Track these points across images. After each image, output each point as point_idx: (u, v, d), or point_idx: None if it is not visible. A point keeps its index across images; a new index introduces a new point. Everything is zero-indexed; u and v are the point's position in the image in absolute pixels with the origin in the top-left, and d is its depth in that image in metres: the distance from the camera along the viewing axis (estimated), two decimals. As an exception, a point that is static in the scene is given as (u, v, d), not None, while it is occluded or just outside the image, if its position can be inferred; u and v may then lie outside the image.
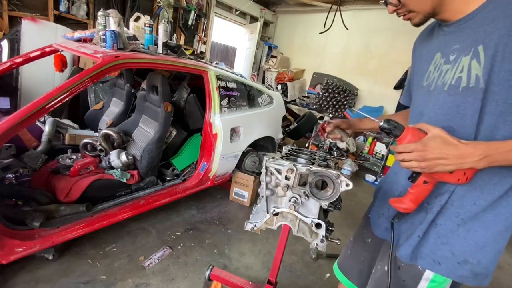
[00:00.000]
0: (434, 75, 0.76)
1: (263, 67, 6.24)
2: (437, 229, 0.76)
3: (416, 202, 0.74)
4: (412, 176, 0.73)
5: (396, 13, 0.76)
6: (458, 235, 0.73)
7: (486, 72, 0.62)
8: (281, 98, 3.21)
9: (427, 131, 0.65)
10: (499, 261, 0.72)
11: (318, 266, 2.07)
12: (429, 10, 0.72)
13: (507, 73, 0.60)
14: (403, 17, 0.76)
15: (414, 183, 0.73)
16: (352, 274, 1.12)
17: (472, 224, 0.72)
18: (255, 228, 1.07)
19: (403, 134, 0.67)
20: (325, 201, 0.92)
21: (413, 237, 0.80)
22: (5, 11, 2.95)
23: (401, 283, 0.83)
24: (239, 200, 2.75)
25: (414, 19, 0.75)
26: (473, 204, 0.70)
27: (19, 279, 1.54)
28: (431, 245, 0.77)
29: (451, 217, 0.74)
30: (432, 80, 0.77)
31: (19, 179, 1.71)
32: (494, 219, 0.70)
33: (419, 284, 0.79)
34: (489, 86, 0.62)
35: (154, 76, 2.19)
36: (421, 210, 0.79)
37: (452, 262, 0.74)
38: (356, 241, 1.14)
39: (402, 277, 0.83)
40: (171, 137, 2.39)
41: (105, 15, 1.84)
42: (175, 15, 4.62)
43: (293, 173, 0.92)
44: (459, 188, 0.71)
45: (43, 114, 1.42)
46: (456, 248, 0.74)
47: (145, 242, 1.99)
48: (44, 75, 3.01)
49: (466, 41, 0.68)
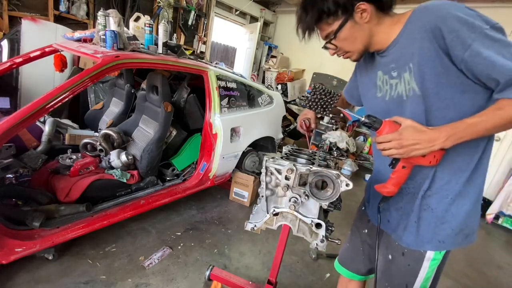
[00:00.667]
0: (386, 88, 0.91)
1: (263, 67, 6.24)
2: (435, 213, 0.86)
3: (397, 186, 0.84)
4: (392, 163, 0.83)
5: (337, 54, 0.91)
6: (452, 212, 0.85)
7: (419, 83, 0.78)
8: (281, 98, 3.21)
9: (401, 123, 0.77)
10: (499, 261, 0.74)
11: (318, 266, 2.07)
12: (361, 48, 0.87)
13: (432, 84, 0.76)
14: (343, 56, 0.91)
15: (394, 169, 0.82)
16: (352, 264, 1.21)
17: (460, 200, 0.84)
18: (255, 228, 1.07)
19: (382, 126, 0.78)
20: (325, 201, 0.92)
21: (411, 223, 0.90)
22: (5, 11, 2.95)
23: (406, 268, 0.93)
24: (239, 200, 2.75)
25: (352, 57, 0.91)
26: (456, 183, 0.83)
27: (19, 279, 1.54)
28: (434, 228, 0.87)
29: (442, 200, 0.85)
30: (385, 92, 0.91)
31: (19, 179, 1.71)
32: (473, 190, 0.84)
33: (423, 265, 0.90)
34: (424, 93, 0.78)
35: (154, 76, 2.19)
36: (409, 199, 0.90)
37: (452, 236, 0.87)
38: (353, 233, 1.22)
39: (407, 262, 0.93)
40: (171, 137, 2.39)
41: (105, 15, 1.83)
42: (175, 15, 4.62)
43: (293, 173, 0.92)
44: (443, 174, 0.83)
45: (43, 114, 1.42)
46: (453, 224, 0.86)
47: (145, 242, 1.99)
48: (44, 75, 3.01)
49: (399, 61, 0.83)
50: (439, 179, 0.84)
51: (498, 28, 0.69)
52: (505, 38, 0.68)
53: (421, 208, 0.88)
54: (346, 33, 0.83)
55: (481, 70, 0.68)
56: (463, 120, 0.72)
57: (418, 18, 0.77)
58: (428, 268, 0.90)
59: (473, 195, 0.85)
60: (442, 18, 0.70)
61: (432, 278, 0.92)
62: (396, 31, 0.82)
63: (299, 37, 0.90)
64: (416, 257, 0.90)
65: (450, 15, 0.69)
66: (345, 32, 0.83)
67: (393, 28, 0.83)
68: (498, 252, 2.81)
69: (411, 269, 0.91)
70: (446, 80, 0.74)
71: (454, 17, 0.69)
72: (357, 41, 0.85)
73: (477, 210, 0.89)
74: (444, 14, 0.70)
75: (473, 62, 0.68)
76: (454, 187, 0.83)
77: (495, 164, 3.82)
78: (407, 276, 0.92)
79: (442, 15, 0.71)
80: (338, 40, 0.86)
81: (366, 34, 0.84)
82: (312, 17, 0.83)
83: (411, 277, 0.91)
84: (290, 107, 5.17)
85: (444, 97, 0.76)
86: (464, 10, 0.70)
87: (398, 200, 0.93)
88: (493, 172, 3.84)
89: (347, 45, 0.87)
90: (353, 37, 0.85)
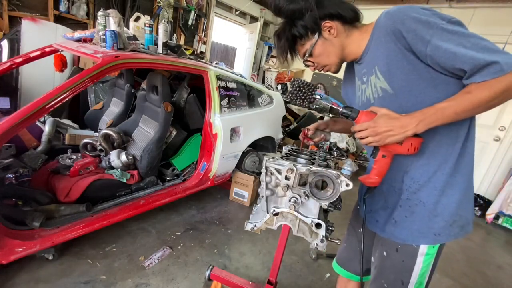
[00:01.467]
0: (358, 94, 0.99)
1: (263, 67, 6.24)
2: (426, 207, 0.87)
3: (380, 176, 0.85)
4: (372, 153, 0.85)
5: (317, 69, 0.99)
6: (443, 204, 0.86)
7: (390, 82, 0.82)
8: (281, 98, 3.21)
9: (377, 112, 0.79)
10: (499, 261, 0.74)
11: (318, 266, 2.07)
12: (337, 60, 0.94)
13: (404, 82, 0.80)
14: (323, 70, 0.98)
15: (375, 158, 0.84)
16: (349, 264, 1.22)
17: (448, 190, 0.85)
18: (255, 228, 1.07)
19: (359, 116, 0.82)
20: (325, 201, 0.92)
21: (401, 218, 0.91)
22: (5, 11, 2.95)
23: (401, 263, 0.93)
24: (239, 200, 2.75)
25: (331, 70, 0.97)
26: (442, 174, 0.84)
27: (19, 279, 1.54)
28: (427, 221, 0.88)
29: (432, 192, 0.86)
30: (359, 99, 0.99)
31: (19, 179, 1.71)
32: (461, 179, 0.85)
33: (417, 260, 0.90)
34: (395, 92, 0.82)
35: (154, 76, 2.19)
36: (394, 194, 0.92)
37: (446, 228, 0.87)
38: (349, 233, 1.24)
39: (401, 258, 0.93)
40: (171, 137, 2.39)
41: (105, 15, 1.83)
42: (175, 15, 4.62)
43: (293, 173, 0.92)
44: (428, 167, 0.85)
45: (43, 114, 1.42)
46: (445, 215, 0.86)
47: (145, 242, 1.99)
48: (44, 75, 3.01)
49: (368, 65, 0.88)
50: (425, 172, 0.86)
51: (454, 21, 0.72)
52: (463, 30, 0.70)
53: (411, 203, 0.89)
54: (319, 50, 0.91)
55: (445, 62, 0.71)
56: (433, 105, 0.74)
57: (382, 24, 0.81)
58: (423, 263, 0.90)
59: (462, 184, 0.86)
60: (400, 20, 0.75)
61: (428, 273, 0.93)
62: (366, 39, 0.88)
63: (280, 60, 0.98)
64: (410, 253, 0.91)
65: (407, 16, 0.74)
66: (318, 48, 0.91)
67: (363, 37, 0.88)
68: (498, 252, 2.81)
69: (406, 265, 0.92)
70: (416, 76, 0.78)
71: (410, 18, 0.73)
72: (331, 55, 0.93)
73: (468, 199, 0.89)
74: (401, 17, 0.75)
75: (436, 55, 0.71)
76: (440, 178, 0.85)
77: (495, 164, 3.82)
78: (402, 272, 0.93)
79: (399, 18, 0.75)
80: (314, 56, 0.94)
81: (337, 48, 0.91)
82: (286, 42, 0.92)
83: (406, 273, 0.92)
84: (290, 107, 5.17)
85: (417, 93, 0.79)
86: (419, 11, 0.74)
87: (384, 198, 0.95)
88: (493, 172, 3.84)
89: (323, 60, 0.94)
90: (326, 52, 0.92)
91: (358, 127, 0.81)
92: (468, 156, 0.85)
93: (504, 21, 3.60)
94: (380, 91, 0.85)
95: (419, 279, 0.92)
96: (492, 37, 3.57)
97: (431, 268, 0.92)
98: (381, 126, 0.76)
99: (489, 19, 3.72)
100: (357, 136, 0.82)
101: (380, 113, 0.78)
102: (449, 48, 0.69)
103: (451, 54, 0.69)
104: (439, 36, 0.70)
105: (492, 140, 3.83)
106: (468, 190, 0.88)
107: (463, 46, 0.68)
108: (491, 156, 3.84)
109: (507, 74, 0.64)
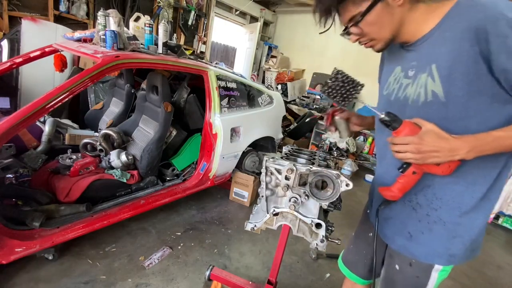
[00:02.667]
0: (394, 87, 0.85)
1: (263, 67, 6.24)
2: (447, 226, 0.81)
3: (402, 191, 0.80)
4: (402, 167, 0.77)
5: (359, 41, 0.81)
6: (465, 226, 0.80)
7: (446, 88, 0.69)
8: (281, 98, 3.21)
9: (422, 126, 0.70)
10: (499, 261, 0.74)
11: (318, 266, 2.07)
12: (389, 37, 0.77)
13: (461, 91, 0.68)
14: (365, 45, 0.81)
15: (403, 173, 0.77)
16: (357, 268, 1.17)
17: (474, 214, 0.79)
18: (255, 228, 1.07)
19: (401, 127, 0.71)
20: (325, 201, 0.92)
21: (417, 233, 0.86)
22: (5, 11, 2.95)
23: (414, 279, 0.89)
24: (239, 200, 2.75)
25: (376, 46, 0.80)
26: (471, 198, 0.77)
27: (19, 279, 1.54)
28: (446, 242, 0.83)
29: (454, 212, 0.79)
30: (392, 91, 0.85)
31: (19, 179, 1.71)
32: (487, 205, 0.79)
33: (431, 276, 0.86)
34: (448, 101, 0.70)
35: (154, 76, 2.19)
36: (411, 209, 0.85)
37: (463, 250, 0.83)
38: (357, 236, 1.18)
39: (415, 274, 0.89)
40: (171, 137, 2.39)
41: (105, 15, 1.83)
42: (175, 15, 4.62)
43: (293, 173, 0.92)
44: (455, 186, 0.77)
45: (43, 114, 1.42)
46: (465, 239, 0.81)
47: (145, 242, 1.99)
48: (44, 75, 3.01)
49: (422, 59, 0.75)
50: (449, 190, 0.78)
51: None
52: None
53: (430, 219, 0.82)
54: (375, 17, 0.72)
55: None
56: (489, 132, 0.66)
57: (461, 14, 0.66)
58: (437, 279, 0.87)
59: (488, 210, 0.79)
60: (492, 19, 0.61)
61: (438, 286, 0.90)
62: (430, 23, 0.72)
63: (315, 19, 0.79)
64: (425, 268, 0.87)
65: (503, 16, 0.60)
66: (374, 14, 0.72)
67: (427, 18, 0.73)
68: (498, 252, 2.81)
69: (420, 281, 0.88)
70: (477, 88, 0.66)
71: (507, 20, 0.60)
72: (385, 27, 0.75)
73: (485, 223, 0.84)
74: (495, 14, 0.61)
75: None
76: (468, 201, 0.77)
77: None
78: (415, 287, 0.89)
79: (493, 15, 0.61)
80: (365, 24, 0.74)
81: (396, 21, 0.74)
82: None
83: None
84: (290, 107, 5.17)
85: (471, 107, 0.69)
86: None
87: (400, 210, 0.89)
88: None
89: (374, 31, 0.76)
90: (381, 22, 0.74)
91: (399, 140, 0.71)
92: (500, 183, 0.78)
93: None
94: (431, 95, 0.72)
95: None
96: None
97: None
98: (427, 144, 0.67)
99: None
100: (395, 149, 0.73)
101: (425, 128, 0.69)
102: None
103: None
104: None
105: (492, 140, 3.82)
106: (487, 216, 0.82)
107: None
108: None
109: None
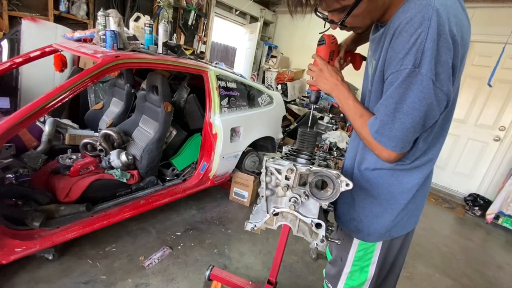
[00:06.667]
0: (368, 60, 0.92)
1: (263, 67, 6.23)
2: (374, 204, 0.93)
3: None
4: None
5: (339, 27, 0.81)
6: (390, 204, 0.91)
7: (372, 76, 0.80)
8: (281, 98, 3.21)
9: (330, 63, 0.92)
10: (499, 261, 0.73)
11: (318, 266, 2.07)
12: (369, 23, 0.78)
13: (377, 83, 0.78)
14: (346, 29, 0.81)
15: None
16: None
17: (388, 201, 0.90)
18: (255, 228, 1.07)
19: (318, 49, 0.96)
20: (325, 201, 0.92)
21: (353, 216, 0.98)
22: (5, 11, 2.94)
23: (342, 241, 1.02)
24: (239, 200, 2.75)
25: (357, 31, 0.83)
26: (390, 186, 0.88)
27: (19, 279, 1.54)
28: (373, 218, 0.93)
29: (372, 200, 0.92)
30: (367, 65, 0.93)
31: (19, 179, 1.71)
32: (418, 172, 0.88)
33: (353, 241, 0.98)
34: (372, 88, 0.82)
35: (154, 76, 2.19)
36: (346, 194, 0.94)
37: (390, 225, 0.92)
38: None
39: (342, 237, 1.03)
40: (171, 137, 2.39)
41: (105, 15, 1.83)
42: (175, 15, 4.62)
43: (293, 173, 0.92)
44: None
45: (43, 114, 1.42)
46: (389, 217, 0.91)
47: (145, 242, 1.99)
48: (44, 75, 3.01)
49: (373, 46, 0.83)
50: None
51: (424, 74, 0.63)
52: (411, 91, 0.65)
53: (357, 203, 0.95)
54: (360, 10, 0.70)
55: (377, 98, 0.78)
56: (351, 96, 0.85)
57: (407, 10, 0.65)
58: (358, 246, 0.95)
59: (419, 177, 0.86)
60: (407, 25, 0.63)
61: (371, 263, 0.95)
62: (399, 3, 0.70)
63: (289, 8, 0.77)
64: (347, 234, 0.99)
65: (426, 28, 0.60)
66: (361, 8, 0.69)
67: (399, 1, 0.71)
68: (498, 252, 2.81)
69: (344, 243, 0.99)
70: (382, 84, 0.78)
71: (409, 35, 0.62)
72: (368, 16, 0.73)
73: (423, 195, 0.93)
74: (421, 20, 0.61)
75: (384, 87, 0.73)
76: (385, 189, 0.89)
77: (495, 164, 3.82)
78: (341, 249, 1.01)
79: (410, 24, 0.62)
80: (349, 17, 0.72)
81: (380, 8, 0.71)
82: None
83: (344, 251, 0.99)
84: (290, 107, 5.16)
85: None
86: (444, 37, 0.60)
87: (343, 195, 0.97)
88: (493, 172, 3.83)
89: (357, 21, 0.75)
90: (367, 12, 0.71)
91: (316, 59, 0.95)
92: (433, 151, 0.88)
93: (504, 21, 3.59)
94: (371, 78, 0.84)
95: (356, 261, 0.97)
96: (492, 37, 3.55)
97: (379, 260, 0.95)
98: (325, 73, 0.93)
99: (489, 19, 3.71)
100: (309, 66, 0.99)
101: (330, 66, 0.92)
102: (384, 99, 0.72)
103: (381, 102, 0.74)
104: (400, 82, 0.66)
105: (492, 140, 3.82)
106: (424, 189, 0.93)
107: (384, 106, 0.72)
108: (491, 156, 3.84)
109: (367, 128, 0.79)
